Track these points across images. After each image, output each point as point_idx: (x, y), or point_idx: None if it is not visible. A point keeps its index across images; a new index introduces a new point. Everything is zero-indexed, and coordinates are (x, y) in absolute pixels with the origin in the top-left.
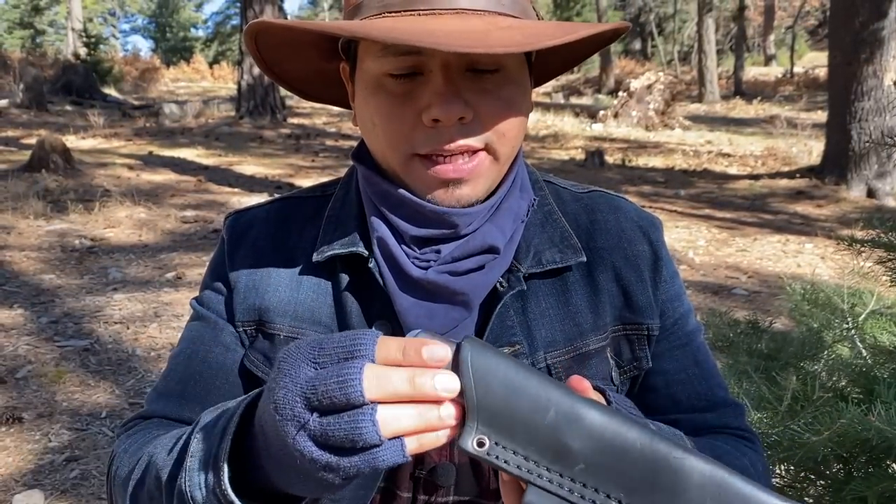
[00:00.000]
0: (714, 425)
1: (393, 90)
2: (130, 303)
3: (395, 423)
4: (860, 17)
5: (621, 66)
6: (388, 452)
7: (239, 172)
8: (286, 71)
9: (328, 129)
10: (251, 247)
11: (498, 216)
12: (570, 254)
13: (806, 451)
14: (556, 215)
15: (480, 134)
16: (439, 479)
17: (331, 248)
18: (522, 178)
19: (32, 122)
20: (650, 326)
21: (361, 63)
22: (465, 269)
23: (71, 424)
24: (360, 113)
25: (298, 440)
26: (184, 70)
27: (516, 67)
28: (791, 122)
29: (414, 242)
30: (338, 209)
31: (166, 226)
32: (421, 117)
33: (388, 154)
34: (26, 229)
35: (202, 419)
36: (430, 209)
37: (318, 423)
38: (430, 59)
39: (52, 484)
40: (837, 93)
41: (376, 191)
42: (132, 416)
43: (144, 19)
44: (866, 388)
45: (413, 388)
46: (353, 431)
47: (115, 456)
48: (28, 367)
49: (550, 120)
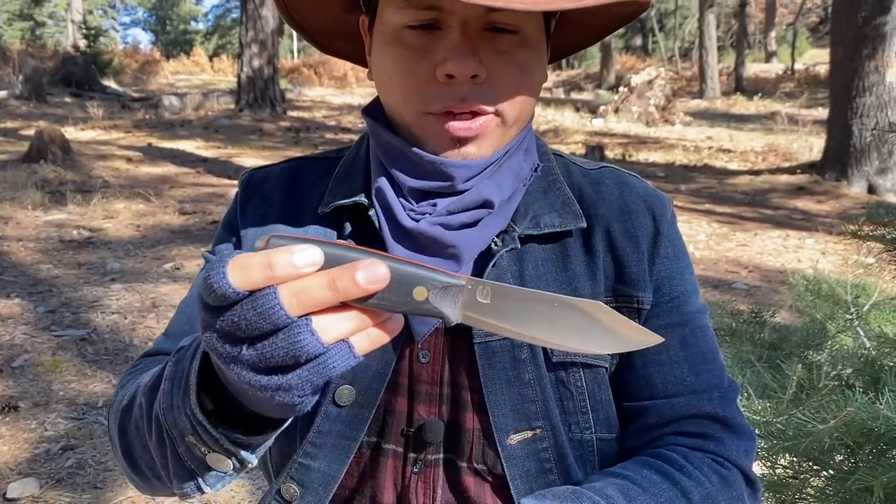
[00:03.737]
0: (682, 414)
1: (410, 43)
2: (128, 293)
3: (336, 327)
4: (863, 12)
5: (622, 61)
6: (338, 357)
7: (238, 164)
8: (307, 21)
9: (328, 123)
10: (262, 199)
11: (498, 174)
12: (570, 219)
13: (811, 440)
14: (561, 184)
15: (492, 96)
16: (428, 436)
17: (335, 200)
18: (529, 143)
19: (32, 114)
20: (640, 299)
21: (381, 15)
22: (459, 222)
23: (67, 414)
24: (377, 66)
25: (240, 373)
26: (184, 63)
27: (534, 33)
28: (792, 118)
29: (412, 195)
30: (347, 166)
31: (165, 217)
32: (435, 73)
33: (402, 108)
34: (24, 219)
35: (180, 345)
36: (427, 160)
37: (252, 351)
38: (449, 15)
39: (48, 473)
40: (839, 88)
41: (380, 143)
42: (139, 356)
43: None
44: (872, 378)
45: (335, 292)
46: (293, 347)
47: (115, 395)
48: (25, 357)
49: (551, 115)
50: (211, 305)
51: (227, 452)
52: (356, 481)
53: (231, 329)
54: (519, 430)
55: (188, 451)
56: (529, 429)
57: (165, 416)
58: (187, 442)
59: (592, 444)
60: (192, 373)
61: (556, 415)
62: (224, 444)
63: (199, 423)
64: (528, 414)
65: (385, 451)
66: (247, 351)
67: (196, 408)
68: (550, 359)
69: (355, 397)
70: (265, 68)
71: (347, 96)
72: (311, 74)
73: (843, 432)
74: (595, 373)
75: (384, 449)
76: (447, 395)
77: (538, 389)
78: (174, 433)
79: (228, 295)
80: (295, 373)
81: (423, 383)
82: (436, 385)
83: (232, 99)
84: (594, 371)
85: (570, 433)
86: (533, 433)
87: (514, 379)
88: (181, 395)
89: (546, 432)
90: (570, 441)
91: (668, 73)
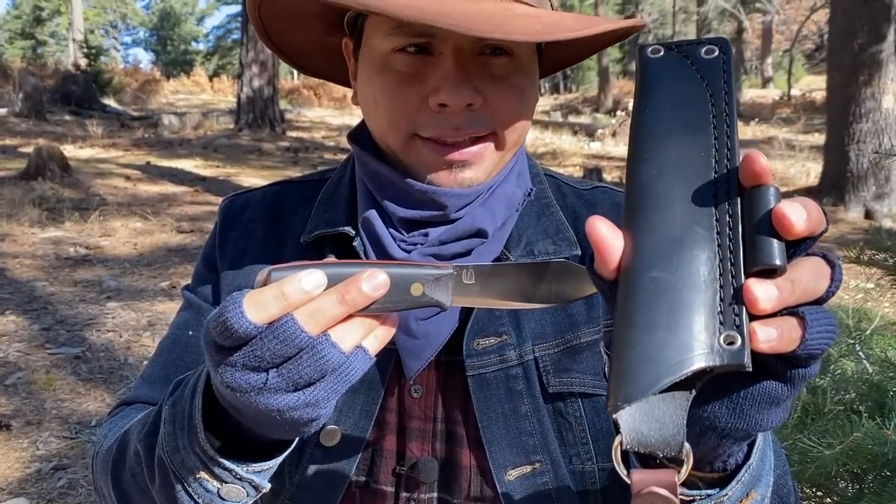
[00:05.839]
0: None
1: (399, 68)
2: (124, 311)
3: (351, 336)
4: (859, 39)
5: (619, 86)
6: (356, 363)
7: (237, 183)
8: (287, 42)
9: (327, 143)
10: (242, 229)
11: (490, 201)
12: (564, 246)
13: (817, 466)
14: (554, 208)
15: (487, 121)
16: (421, 475)
17: (318, 229)
18: (521, 168)
19: (31, 131)
20: None
21: (368, 40)
22: (451, 252)
23: (60, 432)
24: (362, 91)
25: (267, 401)
26: (184, 82)
27: (527, 56)
28: (789, 143)
29: (402, 225)
30: (331, 192)
31: (162, 235)
32: (427, 100)
33: (387, 134)
34: (21, 236)
35: (169, 391)
36: (418, 189)
37: (278, 377)
38: (441, 42)
39: (39, 492)
40: (836, 114)
41: (367, 171)
42: (117, 403)
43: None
44: (876, 403)
45: (346, 305)
46: (319, 362)
47: (97, 444)
48: (18, 374)
49: (549, 138)
50: (227, 346)
51: (241, 481)
52: None
53: (255, 362)
54: (517, 465)
55: (200, 486)
56: (528, 463)
57: (171, 458)
58: (199, 479)
59: (594, 475)
60: (196, 412)
61: (556, 447)
62: (238, 475)
63: (211, 458)
64: (527, 448)
65: (375, 491)
66: (273, 377)
67: (206, 444)
68: (547, 389)
69: (341, 437)
70: (265, 88)
71: (346, 117)
72: (311, 95)
73: (849, 457)
74: (594, 402)
75: (374, 489)
76: (441, 431)
77: (536, 422)
78: (182, 473)
79: (250, 332)
80: (320, 385)
81: (416, 419)
82: (429, 421)
83: (231, 118)
84: (593, 400)
85: (571, 465)
86: (532, 468)
87: (510, 412)
88: (186, 436)
89: (546, 466)
90: (572, 473)
91: None
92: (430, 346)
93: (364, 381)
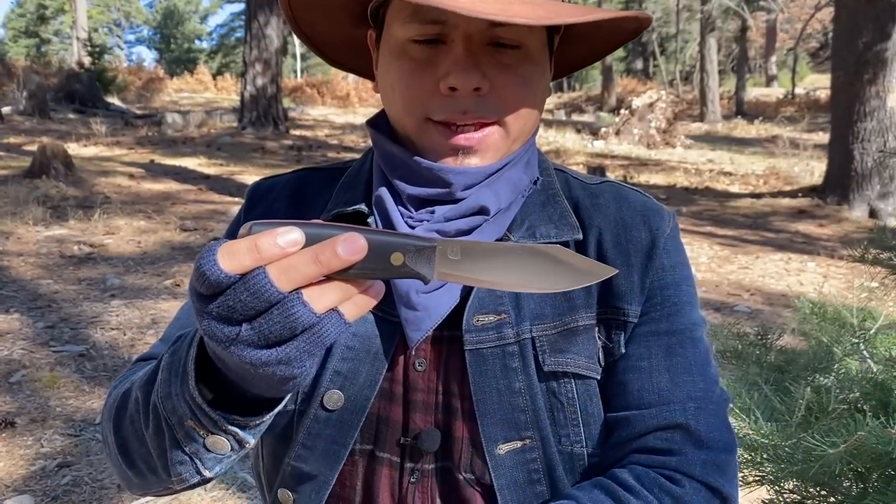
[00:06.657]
0: (651, 427)
1: (415, 56)
2: (128, 309)
3: (324, 298)
4: (863, 37)
5: (623, 84)
6: (330, 325)
7: (241, 182)
8: (316, 35)
9: (330, 141)
10: (267, 208)
11: (497, 183)
12: (566, 230)
13: (821, 465)
14: (560, 198)
15: (494, 107)
16: (425, 445)
17: (336, 208)
18: (531, 157)
19: (35, 130)
20: (626, 312)
21: (388, 28)
22: (455, 229)
23: (64, 430)
24: (382, 78)
25: (241, 353)
26: (187, 81)
27: (537, 48)
28: (793, 142)
29: (411, 202)
30: (352, 177)
31: (166, 234)
32: (439, 85)
33: (403, 118)
34: (25, 234)
35: (172, 342)
36: (425, 166)
37: (251, 330)
38: (453, 30)
39: (43, 490)
40: (840, 113)
41: (382, 153)
42: (134, 359)
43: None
44: (881, 402)
45: (320, 265)
46: (288, 319)
47: (108, 395)
48: (22, 372)
49: (552, 136)
50: (205, 294)
51: (225, 433)
52: (352, 492)
53: (227, 312)
54: (508, 440)
55: (187, 435)
56: (519, 439)
57: (164, 404)
58: (186, 426)
59: (583, 459)
60: (190, 360)
61: (547, 426)
62: (223, 426)
63: (199, 406)
64: (518, 424)
65: (380, 459)
66: (245, 330)
67: (195, 392)
68: (542, 368)
69: (344, 402)
70: (268, 87)
71: (350, 116)
72: (314, 94)
73: (853, 456)
74: (587, 384)
75: (379, 458)
76: (441, 403)
77: (528, 399)
78: (173, 420)
79: (221, 280)
80: (293, 344)
81: (420, 392)
82: (432, 393)
83: (235, 117)
84: (586, 382)
85: (560, 445)
86: (522, 443)
87: (504, 388)
88: (179, 383)
89: (535, 443)
90: (560, 453)
91: (669, 96)
92: (429, 319)
93: (370, 351)
